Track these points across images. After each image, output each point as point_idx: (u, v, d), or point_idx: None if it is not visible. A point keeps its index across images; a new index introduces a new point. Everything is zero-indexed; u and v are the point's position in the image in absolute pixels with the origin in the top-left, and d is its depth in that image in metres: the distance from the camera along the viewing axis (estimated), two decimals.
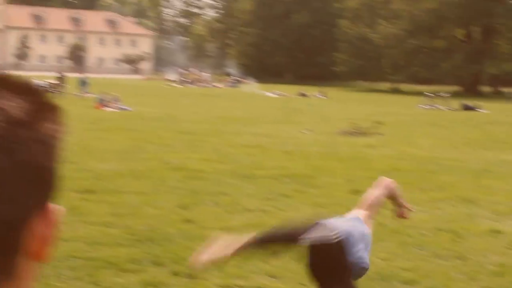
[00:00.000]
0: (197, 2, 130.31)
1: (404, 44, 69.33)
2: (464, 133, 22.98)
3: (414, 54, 70.05)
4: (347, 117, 25.98)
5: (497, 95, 66.17)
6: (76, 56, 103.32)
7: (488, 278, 6.59)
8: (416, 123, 26.57)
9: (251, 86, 61.47)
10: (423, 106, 39.32)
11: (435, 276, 6.53)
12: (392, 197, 4.81)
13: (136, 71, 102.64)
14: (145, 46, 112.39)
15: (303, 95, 49.93)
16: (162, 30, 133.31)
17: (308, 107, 35.08)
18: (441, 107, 39.15)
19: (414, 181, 12.07)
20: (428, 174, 13.22)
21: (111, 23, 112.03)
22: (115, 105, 29.05)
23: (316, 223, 4.26)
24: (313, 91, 51.85)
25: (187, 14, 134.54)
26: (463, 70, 66.98)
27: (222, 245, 4.55)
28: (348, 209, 9.32)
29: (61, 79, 37.77)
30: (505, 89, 71.16)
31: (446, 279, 6.47)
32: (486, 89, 71.83)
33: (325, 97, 48.83)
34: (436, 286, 6.22)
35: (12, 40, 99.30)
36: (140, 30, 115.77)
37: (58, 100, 0.77)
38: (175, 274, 6.35)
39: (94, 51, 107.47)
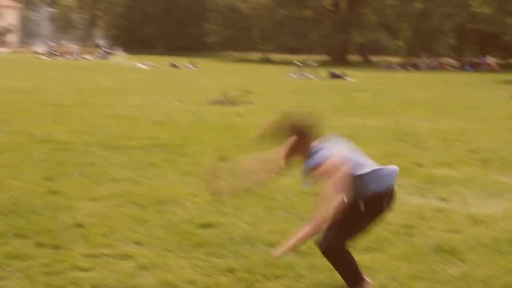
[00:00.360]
0: None
1: (273, 13, 69.88)
2: (331, 100, 23.52)
3: (283, 23, 70.76)
4: (217, 87, 26.07)
5: (365, 64, 67.93)
6: None
7: None
8: (285, 92, 26.96)
9: (121, 58, 60.62)
10: (293, 75, 39.92)
11: None
12: None
13: (2, 43, 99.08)
14: (10, 17, 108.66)
15: (174, 66, 49.65)
16: (28, 1, 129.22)
17: (179, 78, 35.02)
18: (309, 75, 39.85)
19: None
20: None
21: None
22: None
23: None
24: (184, 62, 51.63)
25: None
26: (331, 40, 68.27)
27: None
28: None
29: None
30: (373, 58, 73.23)
31: (309, 240, 6.64)
32: (353, 57, 73.56)
33: (196, 68, 48.76)
34: (300, 247, 6.37)
35: None
36: (5, 1, 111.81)
37: None
38: (40, 245, 6.27)
39: None
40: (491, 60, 64.00)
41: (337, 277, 5.59)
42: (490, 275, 5.78)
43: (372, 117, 18.04)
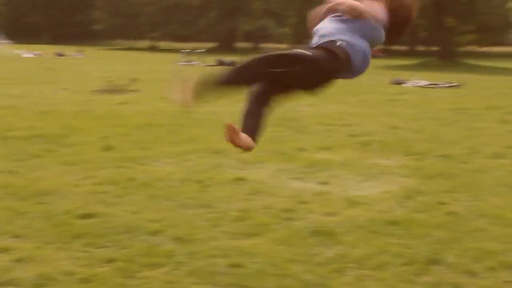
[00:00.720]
0: None
1: (161, 1, 69.42)
2: None
3: (171, 11, 70.35)
4: (104, 76, 25.78)
5: (253, 51, 68.36)
6: None
7: (230, 223, 6.92)
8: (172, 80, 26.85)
9: (6, 47, 58.99)
10: (180, 63, 39.82)
11: (180, 225, 6.75)
12: None
13: None
14: None
15: (61, 54, 48.66)
16: None
17: (65, 67, 34.40)
18: (197, 63, 39.86)
19: (166, 135, 12.34)
20: (180, 128, 13.51)
21: None
22: None
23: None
24: (71, 51, 50.73)
25: None
26: (218, 27, 68.42)
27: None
28: (100, 166, 9.41)
29: None
30: (260, 45, 73.78)
31: (190, 227, 6.72)
32: (241, 45, 73.92)
33: (83, 56, 48.01)
34: (181, 234, 6.43)
35: None
36: None
37: None
38: None
39: None
40: None
41: (217, 263, 5.68)
42: (365, 255, 5.98)
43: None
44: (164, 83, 23.95)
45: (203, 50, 44.56)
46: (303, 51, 4.37)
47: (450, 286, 5.36)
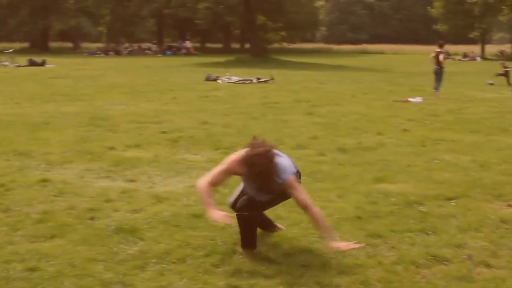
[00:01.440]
0: None
1: None
2: (27, 88, 22.95)
3: None
4: None
5: (66, 50, 66.94)
6: None
7: (30, 226, 6.71)
8: None
9: None
10: None
11: None
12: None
13: None
14: None
15: None
16: None
17: None
18: (7, 64, 38.60)
19: None
20: None
21: None
22: None
23: None
24: None
25: None
26: (30, 26, 66.38)
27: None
28: None
29: None
30: (75, 44, 72.32)
31: None
32: (55, 44, 72.22)
33: None
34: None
35: None
36: None
37: None
38: None
39: None
40: (189, 44, 67.26)
41: (13, 268, 5.48)
42: (167, 250, 5.99)
43: (69, 103, 17.92)
44: None
45: (11, 50, 43.08)
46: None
47: (248, 273, 5.45)
